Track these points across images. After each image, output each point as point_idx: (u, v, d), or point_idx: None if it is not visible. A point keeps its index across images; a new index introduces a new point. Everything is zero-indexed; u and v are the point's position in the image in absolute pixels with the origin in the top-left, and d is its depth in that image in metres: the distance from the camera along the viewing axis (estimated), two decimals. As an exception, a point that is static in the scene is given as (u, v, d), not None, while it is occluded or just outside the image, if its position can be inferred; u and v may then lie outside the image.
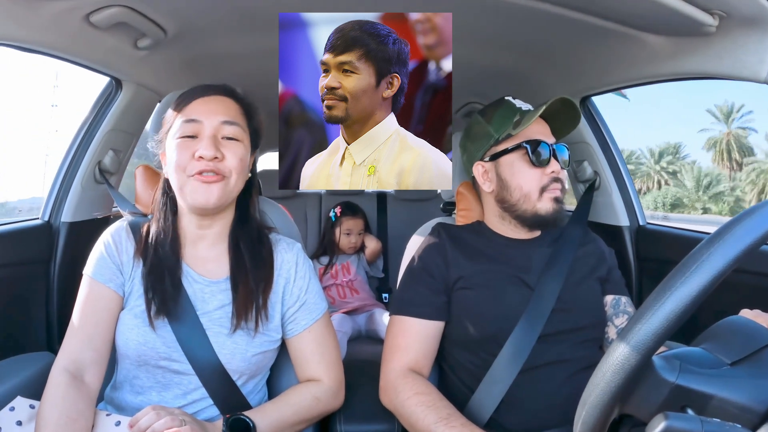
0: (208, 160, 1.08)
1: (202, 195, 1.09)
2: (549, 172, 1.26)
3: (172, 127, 1.13)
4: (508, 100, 1.34)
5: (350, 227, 2.90)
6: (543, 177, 1.26)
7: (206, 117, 1.11)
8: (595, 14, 1.28)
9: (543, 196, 1.26)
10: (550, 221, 1.28)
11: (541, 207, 1.26)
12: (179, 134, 1.10)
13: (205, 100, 1.13)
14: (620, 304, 1.31)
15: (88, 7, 1.26)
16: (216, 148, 1.08)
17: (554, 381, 1.18)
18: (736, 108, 42.29)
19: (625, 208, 1.99)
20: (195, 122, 1.10)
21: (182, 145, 1.09)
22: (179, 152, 1.09)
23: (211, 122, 1.10)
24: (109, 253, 1.16)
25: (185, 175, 1.09)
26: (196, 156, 1.08)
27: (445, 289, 1.28)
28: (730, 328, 0.67)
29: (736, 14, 1.11)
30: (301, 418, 1.16)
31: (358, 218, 2.93)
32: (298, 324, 1.21)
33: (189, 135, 1.10)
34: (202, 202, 1.10)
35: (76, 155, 1.78)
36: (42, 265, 1.74)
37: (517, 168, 1.28)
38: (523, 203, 1.28)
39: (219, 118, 1.11)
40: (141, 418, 0.96)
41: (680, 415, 0.55)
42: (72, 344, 1.10)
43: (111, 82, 1.75)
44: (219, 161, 1.09)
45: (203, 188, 1.09)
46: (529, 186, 1.27)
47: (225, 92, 1.17)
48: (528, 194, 1.27)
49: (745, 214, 0.57)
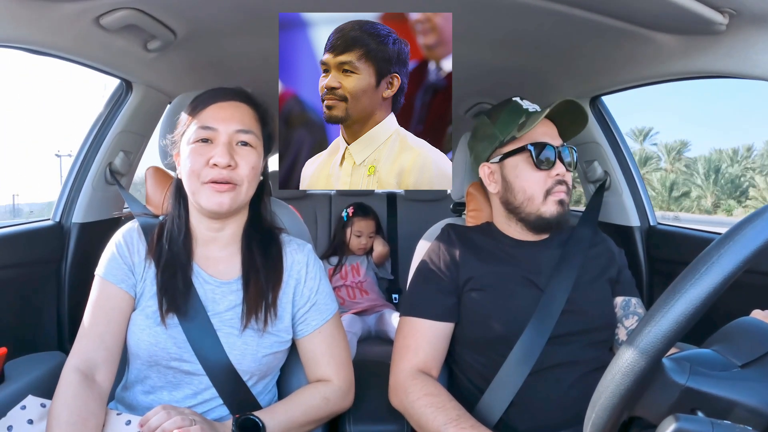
0: (222, 167, 1.08)
1: (215, 203, 1.10)
2: (554, 174, 1.26)
3: (187, 130, 1.14)
4: (515, 101, 1.33)
5: (361, 228, 2.90)
6: (548, 180, 1.26)
7: (221, 124, 1.11)
8: (605, 13, 1.27)
9: (547, 199, 1.26)
10: (553, 224, 1.27)
11: (545, 210, 1.26)
12: (194, 139, 1.11)
13: (222, 106, 1.14)
14: (630, 306, 1.31)
15: (98, 9, 1.27)
16: (230, 156, 1.09)
17: (564, 382, 1.18)
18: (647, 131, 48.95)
19: (635, 208, 1.98)
20: (210, 129, 1.11)
21: (197, 151, 1.10)
22: (193, 158, 1.10)
23: (226, 129, 1.11)
24: (120, 254, 1.17)
25: (199, 181, 1.10)
26: (210, 163, 1.09)
27: (454, 290, 1.28)
28: (740, 329, 0.66)
29: (746, 12, 1.10)
30: (310, 419, 1.16)
31: (370, 220, 2.93)
32: (309, 325, 1.21)
33: (203, 139, 1.11)
34: (214, 208, 1.11)
35: (87, 156, 1.80)
36: (53, 266, 1.76)
37: (521, 170, 1.28)
38: (527, 206, 1.28)
39: (234, 126, 1.12)
40: (151, 417, 0.96)
41: (690, 417, 0.55)
42: (83, 344, 1.10)
43: (121, 84, 1.77)
44: (232, 169, 1.10)
45: (216, 196, 1.10)
46: (533, 189, 1.27)
47: (241, 98, 1.17)
48: (532, 197, 1.27)
49: (755, 214, 0.56)
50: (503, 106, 1.34)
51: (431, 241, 1.39)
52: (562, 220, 1.27)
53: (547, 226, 1.28)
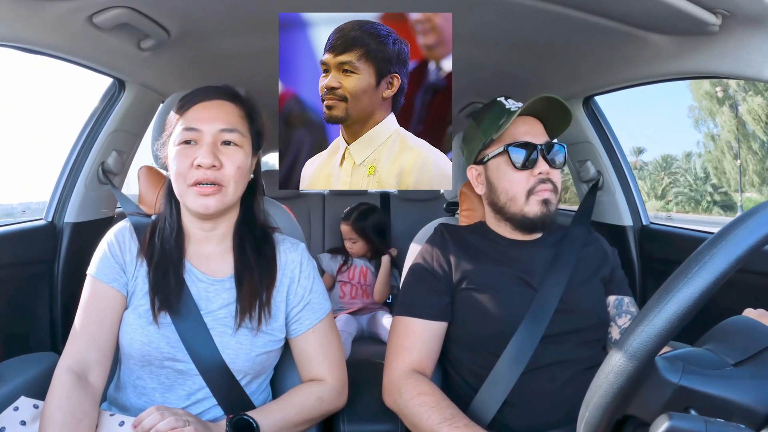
0: (206, 168, 1.08)
1: (200, 205, 1.09)
2: (536, 173, 1.26)
3: (173, 132, 1.13)
4: (499, 101, 1.32)
5: (345, 232, 2.87)
6: (530, 179, 1.26)
7: (205, 124, 1.10)
8: (598, 13, 1.27)
9: (530, 198, 1.26)
10: (538, 224, 1.27)
11: (528, 210, 1.26)
12: (179, 140, 1.11)
13: (206, 106, 1.13)
14: (623, 305, 1.31)
15: (91, 8, 1.26)
16: (214, 156, 1.08)
17: (557, 381, 1.18)
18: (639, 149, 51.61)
19: (628, 207, 1.99)
20: (194, 131, 1.10)
21: (182, 153, 1.10)
22: (179, 160, 1.10)
23: (210, 130, 1.10)
24: (112, 253, 1.16)
25: (185, 184, 1.09)
26: (194, 164, 1.08)
27: (448, 289, 1.28)
28: (733, 328, 0.66)
29: (739, 13, 1.11)
30: (304, 418, 1.16)
31: (347, 225, 2.85)
32: (302, 324, 1.21)
33: (187, 141, 1.10)
34: (200, 211, 1.11)
35: (80, 156, 1.79)
36: (46, 266, 1.75)
37: (503, 171, 1.28)
38: (511, 206, 1.28)
39: (218, 125, 1.10)
40: (145, 418, 0.96)
41: (684, 416, 0.55)
42: (76, 344, 1.10)
43: (114, 83, 1.76)
44: (217, 169, 1.09)
45: (201, 199, 1.09)
46: (515, 189, 1.27)
47: (226, 96, 1.16)
48: (514, 197, 1.27)
49: (748, 214, 0.56)
50: (488, 107, 1.34)
51: (425, 241, 1.39)
52: (548, 219, 1.26)
53: (533, 225, 1.28)
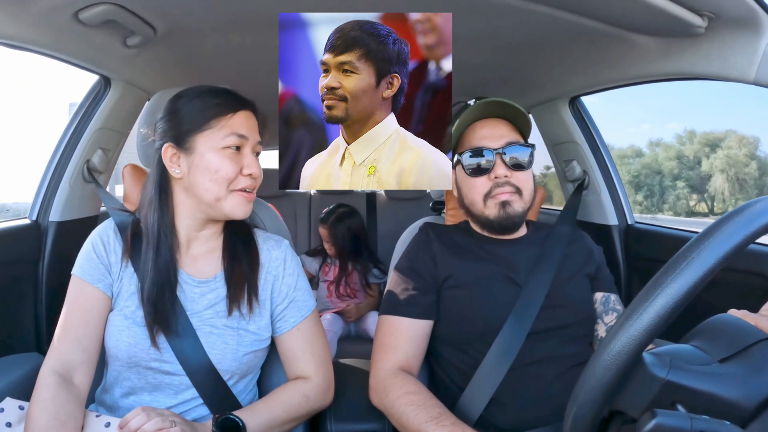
0: (256, 177, 1.13)
1: (242, 210, 1.13)
2: (492, 177, 1.28)
3: (211, 132, 1.11)
4: (468, 104, 1.35)
5: (323, 235, 2.86)
6: (487, 183, 1.29)
7: (250, 134, 1.14)
8: (585, 15, 1.28)
9: (487, 202, 1.29)
10: (497, 226, 1.30)
11: (488, 213, 1.29)
12: (224, 144, 1.10)
13: (247, 115, 1.15)
14: (609, 302, 1.32)
15: (77, 4, 1.25)
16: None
17: (544, 378, 1.18)
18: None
19: (614, 207, 2.01)
20: (242, 137, 1.12)
21: (231, 157, 1.11)
22: (228, 165, 1.10)
23: (253, 139, 1.15)
24: (97, 253, 1.15)
25: (227, 188, 1.11)
26: (244, 172, 1.11)
27: (433, 288, 1.28)
28: (719, 325, 0.67)
29: (725, 15, 1.12)
30: (290, 417, 1.15)
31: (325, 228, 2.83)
32: (287, 321, 1.21)
33: (237, 147, 1.12)
34: (240, 215, 1.13)
35: (65, 154, 1.77)
36: (30, 266, 1.73)
37: (461, 177, 1.33)
38: (473, 209, 1.32)
39: (256, 137, 1.16)
40: (131, 419, 0.95)
41: (670, 412, 0.55)
42: (61, 345, 1.09)
43: (100, 80, 1.74)
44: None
45: (246, 205, 1.14)
46: (472, 194, 1.31)
47: (253, 108, 1.19)
48: (472, 201, 1.31)
49: (734, 212, 0.57)
50: (459, 112, 1.37)
51: (410, 240, 1.40)
52: (509, 221, 1.28)
53: (497, 227, 1.30)
